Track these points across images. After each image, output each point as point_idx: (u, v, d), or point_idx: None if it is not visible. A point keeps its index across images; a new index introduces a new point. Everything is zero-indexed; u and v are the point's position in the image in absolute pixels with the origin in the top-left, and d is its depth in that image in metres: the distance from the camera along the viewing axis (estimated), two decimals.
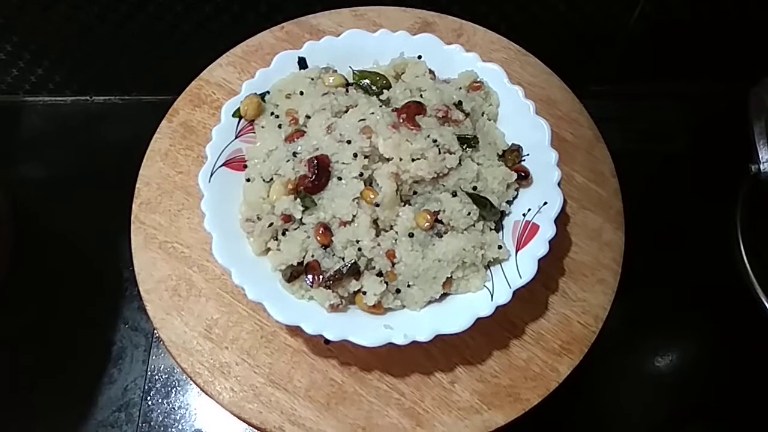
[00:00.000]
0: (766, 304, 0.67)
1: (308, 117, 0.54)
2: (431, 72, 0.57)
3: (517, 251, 0.51)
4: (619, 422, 0.69)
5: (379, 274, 0.49)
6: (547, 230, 0.50)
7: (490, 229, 0.52)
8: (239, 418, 0.51)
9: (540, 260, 0.49)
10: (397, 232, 0.50)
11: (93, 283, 0.75)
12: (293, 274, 0.49)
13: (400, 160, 0.50)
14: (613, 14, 0.80)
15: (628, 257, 0.57)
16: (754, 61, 0.76)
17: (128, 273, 0.74)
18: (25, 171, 0.82)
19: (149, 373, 0.70)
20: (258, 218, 0.51)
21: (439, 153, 0.50)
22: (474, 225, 0.51)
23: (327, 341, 0.52)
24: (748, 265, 0.69)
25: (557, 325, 0.54)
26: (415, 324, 0.48)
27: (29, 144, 0.84)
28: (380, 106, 0.53)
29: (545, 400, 0.52)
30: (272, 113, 0.55)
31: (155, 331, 0.70)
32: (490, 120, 0.56)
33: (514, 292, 0.49)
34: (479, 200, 0.51)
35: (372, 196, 0.49)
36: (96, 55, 0.83)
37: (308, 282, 0.49)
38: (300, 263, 0.50)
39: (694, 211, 0.77)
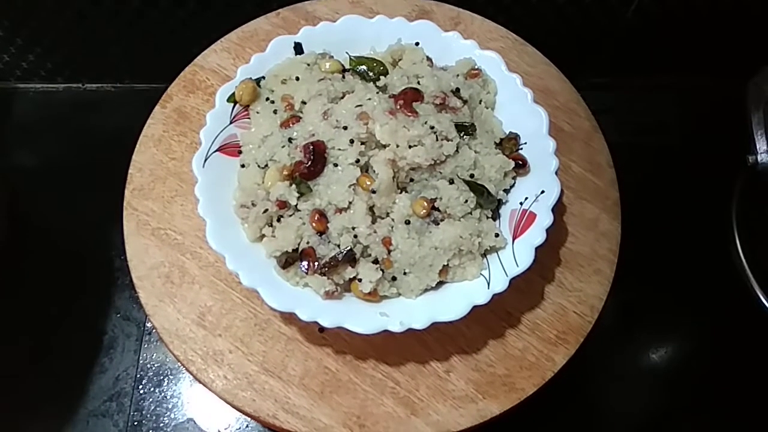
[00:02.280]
0: (760, 296, 0.67)
1: (304, 103, 0.53)
2: (429, 59, 0.56)
3: (513, 240, 0.51)
4: (614, 413, 0.69)
5: (375, 261, 0.49)
6: (545, 219, 0.50)
7: (487, 217, 0.51)
8: (232, 406, 0.50)
9: (537, 249, 0.49)
10: (393, 220, 0.49)
11: (84, 271, 0.74)
12: (288, 260, 0.49)
13: (397, 146, 0.49)
14: (611, 7, 0.80)
15: (623, 249, 0.57)
16: (750, 55, 0.76)
17: (120, 262, 0.74)
18: (17, 158, 0.81)
19: (141, 362, 0.69)
20: (253, 204, 0.50)
21: (437, 140, 0.50)
22: (471, 213, 0.50)
23: (321, 329, 0.51)
24: (743, 256, 0.69)
25: (553, 314, 0.54)
26: (410, 312, 0.48)
27: (20, 131, 0.83)
28: (377, 93, 0.52)
29: (540, 389, 0.51)
30: (267, 98, 0.54)
31: (147, 320, 0.70)
32: (487, 108, 0.56)
33: (511, 281, 0.48)
34: (476, 188, 0.50)
35: (368, 183, 0.49)
36: (89, 42, 0.82)
37: (303, 269, 0.48)
38: (295, 250, 0.49)
39: (690, 203, 0.77)
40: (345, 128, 0.50)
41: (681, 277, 0.73)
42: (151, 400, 0.67)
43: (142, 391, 0.68)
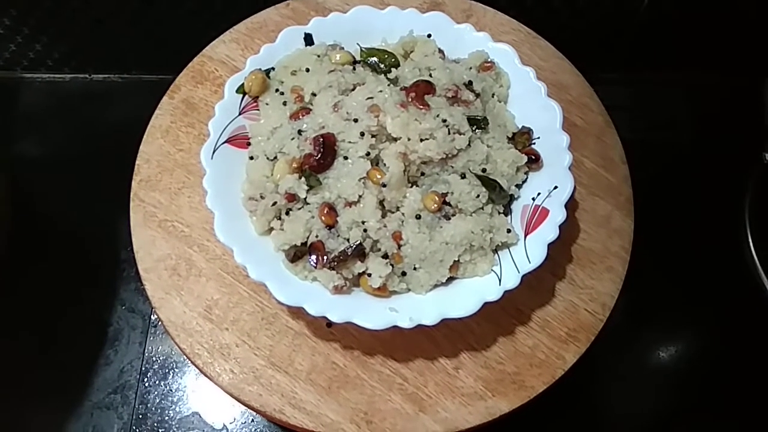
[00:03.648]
0: None
1: (314, 94, 0.52)
2: (441, 51, 0.55)
3: (525, 236, 0.50)
4: (623, 411, 0.68)
5: (385, 256, 0.48)
6: (558, 215, 0.49)
7: (499, 213, 0.50)
8: (238, 400, 0.50)
9: (549, 245, 0.48)
10: (403, 214, 0.49)
11: (90, 263, 0.74)
12: (297, 254, 0.48)
13: (408, 139, 0.48)
14: (624, 1, 0.79)
15: (635, 246, 0.56)
16: (765, 51, 0.75)
17: (126, 254, 0.73)
18: (23, 148, 0.81)
19: (146, 355, 0.69)
20: (261, 197, 0.50)
21: (449, 133, 0.49)
22: (482, 208, 0.49)
23: (329, 324, 0.51)
24: (755, 255, 0.68)
25: (564, 312, 0.53)
26: (420, 307, 0.47)
27: (27, 121, 0.83)
28: (388, 85, 0.51)
29: (550, 387, 0.51)
30: (277, 90, 0.54)
31: (153, 312, 0.70)
32: (500, 101, 0.55)
33: (523, 277, 0.48)
34: (488, 183, 0.49)
35: (379, 177, 0.48)
36: (96, 31, 0.81)
37: (312, 263, 0.48)
38: (304, 243, 0.48)
39: (703, 201, 0.76)
40: (355, 121, 0.49)
41: (693, 275, 0.73)
42: (156, 393, 0.67)
43: (147, 384, 0.67)
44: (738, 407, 0.69)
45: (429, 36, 0.56)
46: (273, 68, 0.55)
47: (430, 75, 0.52)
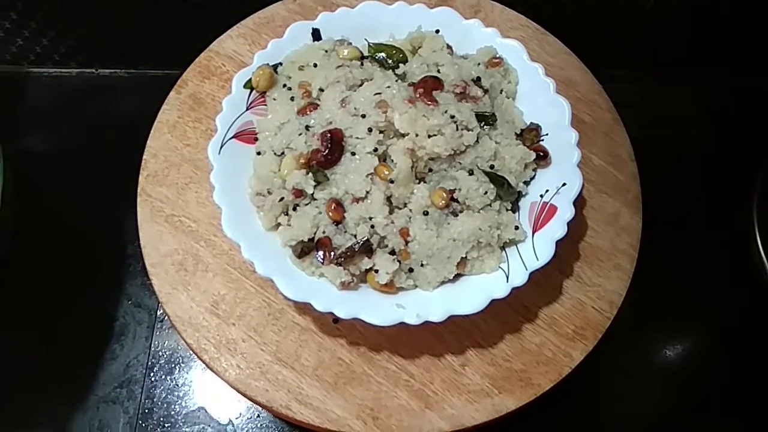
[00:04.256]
0: None
1: (321, 90, 0.52)
2: (449, 47, 0.55)
3: (533, 233, 0.50)
4: (628, 409, 0.68)
5: (392, 252, 0.48)
6: (566, 212, 0.49)
7: (507, 210, 0.50)
8: (245, 395, 0.50)
9: (557, 242, 0.48)
10: (411, 210, 0.49)
11: (96, 258, 0.74)
12: (304, 250, 0.48)
13: (416, 135, 0.48)
14: None
15: (643, 244, 0.56)
16: None
17: (132, 248, 0.73)
18: (29, 143, 0.81)
19: (152, 349, 0.69)
20: (268, 192, 0.50)
21: (457, 129, 0.49)
22: (490, 204, 0.49)
23: (336, 320, 0.51)
24: (763, 253, 0.68)
25: (571, 309, 0.53)
26: (427, 304, 0.47)
27: (33, 116, 0.83)
28: (396, 81, 0.51)
29: (557, 385, 0.51)
30: (284, 85, 0.54)
31: (159, 307, 0.70)
32: (508, 97, 0.55)
33: (530, 274, 0.47)
34: (496, 179, 0.49)
35: (386, 173, 0.48)
36: (103, 26, 0.81)
37: (319, 258, 0.48)
38: (311, 239, 0.48)
39: (710, 199, 0.76)
40: (363, 116, 0.49)
41: (700, 274, 0.72)
42: (162, 387, 0.67)
43: (153, 379, 0.67)
44: (744, 407, 0.68)
45: (437, 31, 0.56)
46: (280, 63, 0.55)
47: (438, 71, 0.52)
